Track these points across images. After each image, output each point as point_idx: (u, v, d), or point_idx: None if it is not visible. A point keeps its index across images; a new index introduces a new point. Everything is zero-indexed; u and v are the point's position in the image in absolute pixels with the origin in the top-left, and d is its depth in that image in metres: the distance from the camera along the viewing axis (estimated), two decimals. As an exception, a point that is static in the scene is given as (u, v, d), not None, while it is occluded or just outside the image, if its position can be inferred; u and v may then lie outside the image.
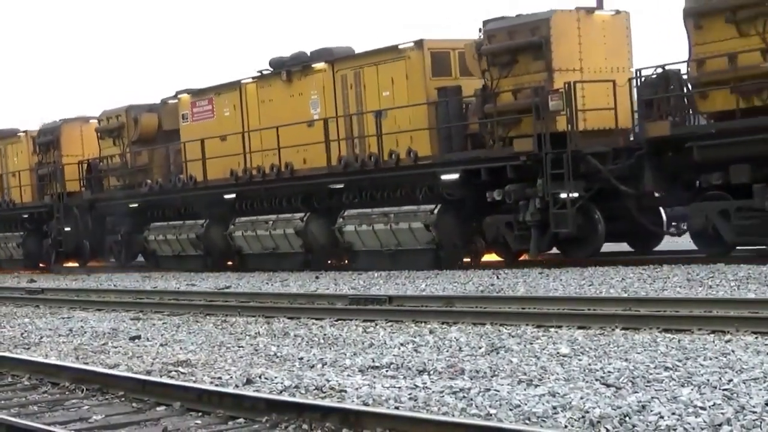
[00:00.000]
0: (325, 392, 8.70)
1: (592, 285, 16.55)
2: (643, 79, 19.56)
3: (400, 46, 23.05)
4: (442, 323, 13.22)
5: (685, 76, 19.06)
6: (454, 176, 21.80)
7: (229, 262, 28.00)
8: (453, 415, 7.52)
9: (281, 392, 8.85)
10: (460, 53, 22.50)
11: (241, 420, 7.92)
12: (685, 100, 19.31)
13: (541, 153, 20.04)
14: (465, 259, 22.66)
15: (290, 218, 25.46)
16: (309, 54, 25.28)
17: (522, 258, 22.05)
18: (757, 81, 17.54)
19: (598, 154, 19.91)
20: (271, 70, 25.96)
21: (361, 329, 13.21)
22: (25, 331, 15.64)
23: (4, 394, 9.81)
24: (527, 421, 7.22)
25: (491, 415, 7.46)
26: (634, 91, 20.07)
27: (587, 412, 7.24)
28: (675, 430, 6.68)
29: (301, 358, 10.91)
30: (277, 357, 11.19)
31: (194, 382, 9.57)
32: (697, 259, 18.57)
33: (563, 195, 19.92)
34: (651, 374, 8.62)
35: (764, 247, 18.05)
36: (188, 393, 8.61)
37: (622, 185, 19.69)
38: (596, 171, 19.87)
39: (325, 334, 12.84)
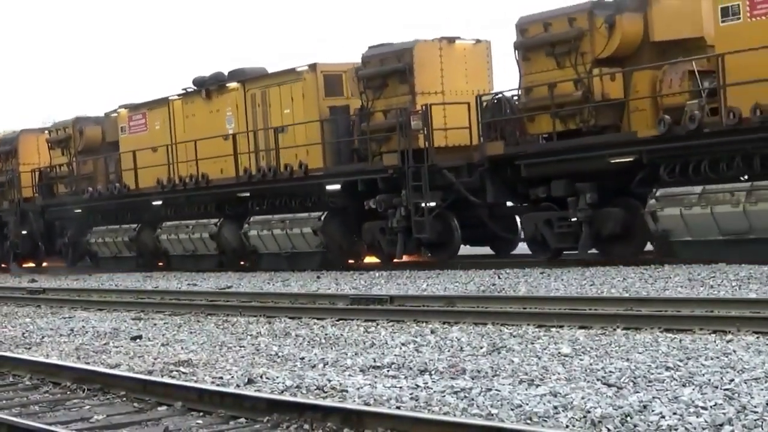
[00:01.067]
0: (326, 392, 8.70)
1: (594, 285, 16.55)
2: (484, 104, 22.04)
3: (297, 69, 25.57)
4: (444, 323, 13.22)
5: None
6: (337, 187, 24.57)
7: (160, 263, 30.46)
8: (454, 415, 7.52)
9: (282, 392, 8.86)
10: (351, 75, 24.89)
11: (243, 420, 7.92)
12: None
13: (404, 167, 22.67)
14: (350, 261, 25.30)
15: (206, 223, 28.31)
16: (226, 74, 27.91)
17: (395, 260, 24.24)
18: (572, 107, 20.25)
19: (453, 168, 22.54)
20: (194, 88, 28.72)
21: (362, 329, 13.21)
22: (27, 330, 15.64)
23: (5, 394, 9.81)
24: (529, 421, 7.22)
25: (493, 415, 7.46)
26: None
27: (589, 412, 7.24)
28: (676, 430, 6.67)
29: (303, 358, 10.92)
30: (279, 357, 11.19)
31: (195, 382, 9.58)
32: (699, 260, 18.59)
33: (423, 204, 22.58)
34: (652, 374, 8.62)
35: (576, 252, 20.71)
36: (189, 393, 8.62)
37: (472, 196, 22.22)
38: (451, 183, 22.49)
39: (326, 334, 12.84)
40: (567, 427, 7.03)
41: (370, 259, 25.31)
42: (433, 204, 22.61)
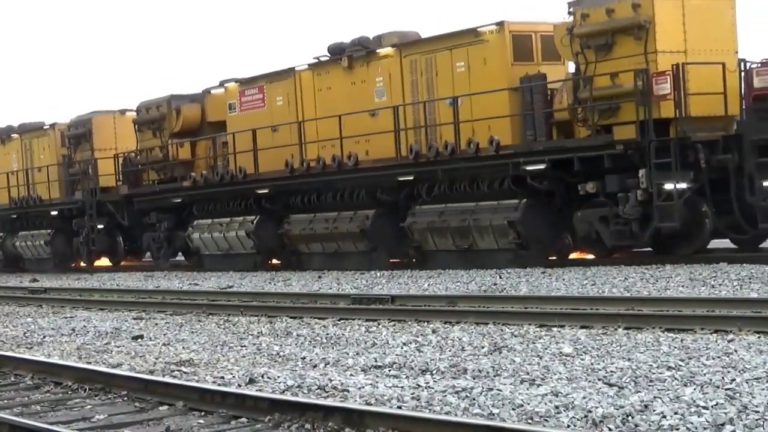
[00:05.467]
0: (327, 392, 8.70)
1: (595, 284, 16.54)
2: (121, 159, 31.89)
3: (44, 127, 34.97)
4: (445, 323, 13.21)
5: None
6: (62, 208, 33.99)
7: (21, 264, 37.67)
8: (456, 415, 7.52)
9: (284, 392, 8.86)
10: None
11: (244, 419, 7.92)
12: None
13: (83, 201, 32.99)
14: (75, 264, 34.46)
15: (42, 234, 35.61)
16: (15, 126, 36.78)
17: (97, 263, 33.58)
18: (159, 164, 30.22)
19: (113, 202, 31.81)
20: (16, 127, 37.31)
21: (363, 329, 13.21)
22: (28, 330, 15.65)
23: (6, 394, 9.81)
24: (530, 421, 7.21)
25: (494, 414, 7.46)
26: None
27: (590, 411, 7.24)
28: (678, 429, 6.67)
29: (304, 358, 10.91)
30: (280, 356, 11.19)
31: (197, 381, 9.58)
32: (700, 259, 18.60)
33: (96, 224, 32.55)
34: (654, 374, 8.62)
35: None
36: (191, 392, 8.61)
37: (121, 219, 31.65)
38: (112, 213, 32.06)
39: (327, 334, 12.84)
40: (568, 426, 7.03)
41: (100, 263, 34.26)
42: (101, 226, 32.24)
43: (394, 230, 23.47)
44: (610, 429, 6.83)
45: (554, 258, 21.15)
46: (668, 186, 18.83)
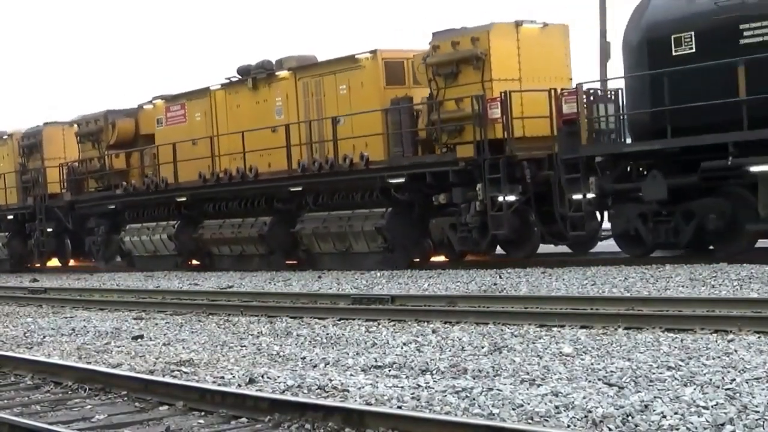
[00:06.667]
0: (327, 392, 8.70)
1: (595, 284, 16.54)
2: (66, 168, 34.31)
3: (4, 137, 36.63)
4: (445, 323, 13.21)
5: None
6: (17, 213, 36.31)
7: None
8: (456, 415, 7.52)
9: (284, 392, 8.86)
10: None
11: (244, 419, 7.92)
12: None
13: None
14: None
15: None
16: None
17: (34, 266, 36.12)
18: (96, 173, 32.75)
19: (60, 207, 34.02)
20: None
21: (363, 329, 13.22)
22: (28, 330, 15.65)
23: (7, 394, 9.82)
24: (530, 421, 7.22)
25: (494, 414, 7.46)
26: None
27: (590, 411, 7.24)
28: (678, 429, 6.67)
29: (304, 358, 10.92)
30: (280, 356, 11.19)
31: (197, 381, 9.58)
32: (701, 259, 18.63)
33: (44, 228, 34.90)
34: (654, 374, 8.62)
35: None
36: (191, 392, 8.61)
37: (68, 223, 34.00)
38: (59, 218, 34.84)
39: (327, 334, 12.84)
40: (568, 426, 7.03)
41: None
42: (49, 229, 34.42)
43: (287, 235, 26.20)
44: (610, 429, 6.83)
45: (417, 260, 23.83)
46: (499, 198, 21.34)
